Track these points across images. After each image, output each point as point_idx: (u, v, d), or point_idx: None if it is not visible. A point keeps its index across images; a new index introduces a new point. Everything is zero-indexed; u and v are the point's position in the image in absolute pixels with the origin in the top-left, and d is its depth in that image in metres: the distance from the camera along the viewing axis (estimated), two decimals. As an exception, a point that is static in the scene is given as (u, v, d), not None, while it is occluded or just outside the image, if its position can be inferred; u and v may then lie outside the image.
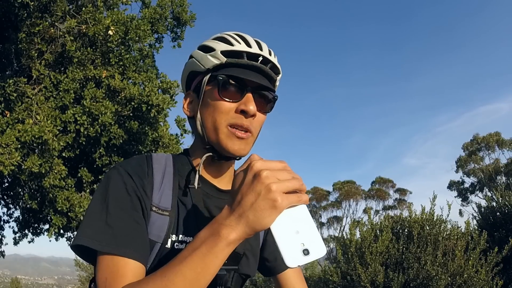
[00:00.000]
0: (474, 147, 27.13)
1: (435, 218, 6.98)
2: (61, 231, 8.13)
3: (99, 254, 0.76)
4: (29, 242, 9.64)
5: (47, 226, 9.12)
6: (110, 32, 6.88)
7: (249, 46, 0.89)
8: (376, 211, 27.71)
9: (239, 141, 0.87)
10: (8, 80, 6.57)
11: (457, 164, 28.19)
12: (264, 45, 0.92)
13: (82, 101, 6.89)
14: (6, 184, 9.17)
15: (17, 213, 9.60)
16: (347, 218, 27.86)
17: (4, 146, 6.03)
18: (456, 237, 6.75)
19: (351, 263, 7.04)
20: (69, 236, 8.93)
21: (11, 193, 9.36)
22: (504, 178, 25.68)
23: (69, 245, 0.84)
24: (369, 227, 7.44)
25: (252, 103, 0.86)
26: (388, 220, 7.61)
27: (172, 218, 0.84)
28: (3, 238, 9.90)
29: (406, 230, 7.15)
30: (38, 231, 9.49)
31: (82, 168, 7.65)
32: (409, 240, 6.91)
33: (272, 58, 0.92)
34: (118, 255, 0.74)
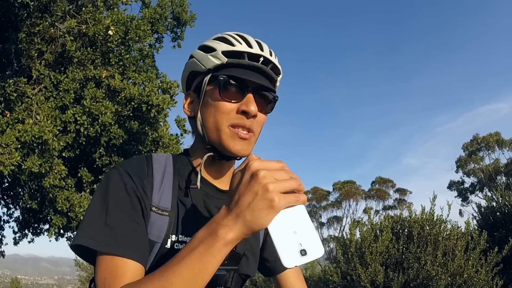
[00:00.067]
0: (474, 147, 27.12)
1: (435, 218, 6.98)
2: (61, 231, 8.13)
3: (99, 254, 0.76)
4: (29, 242, 9.64)
5: (47, 226, 9.13)
6: (110, 32, 6.88)
7: (250, 46, 0.89)
8: (376, 211, 27.70)
9: (242, 141, 0.87)
10: (8, 80, 6.58)
11: (457, 164, 28.17)
12: (265, 46, 0.92)
13: (82, 101, 6.89)
14: (6, 184, 9.17)
15: (17, 213, 9.63)
16: (347, 218, 27.86)
17: (4, 146, 6.03)
18: (456, 237, 6.75)
19: (351, 263, 7.04)
20: (69, 236, 8.92)
21: (11, 193, 9.36)
22: (504, 178, 25.66)
23: (69, 245, 0.83)
24: (369, 227, 7.44)
25: (253, 104, 0.86)
26: (388, 220, 7.61)
27: (171, 219, 0.84)
28: (3, 238, 9.91)
29: (406, 230, 7.15)
30: (38, 231, 9.49)
31: (82, 168, 7.66)
32: (409, 240, 6.91)
33: (273, 58, 0.92)
34: (117, 256, 0.75)
